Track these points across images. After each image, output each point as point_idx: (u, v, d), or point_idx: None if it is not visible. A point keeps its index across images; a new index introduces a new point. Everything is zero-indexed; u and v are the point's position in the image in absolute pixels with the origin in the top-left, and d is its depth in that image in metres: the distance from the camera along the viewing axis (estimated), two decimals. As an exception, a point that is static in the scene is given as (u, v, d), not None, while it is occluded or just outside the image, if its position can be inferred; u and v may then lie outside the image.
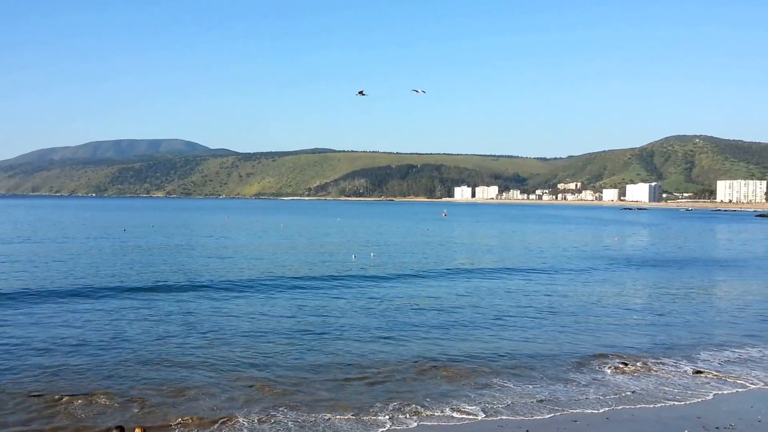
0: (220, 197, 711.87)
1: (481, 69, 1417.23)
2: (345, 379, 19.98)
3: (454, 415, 16.95)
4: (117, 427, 13.16)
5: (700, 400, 18.51)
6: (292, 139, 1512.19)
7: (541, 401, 18.17)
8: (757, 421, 16.51)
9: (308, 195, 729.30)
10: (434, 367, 21.52)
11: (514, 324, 29.28)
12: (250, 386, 19.05)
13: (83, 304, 32.14)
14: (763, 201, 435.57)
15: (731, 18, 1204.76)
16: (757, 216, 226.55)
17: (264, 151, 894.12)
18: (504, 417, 16.85)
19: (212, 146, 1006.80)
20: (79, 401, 17.38)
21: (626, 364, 22.29)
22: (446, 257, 61.71)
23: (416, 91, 39.33)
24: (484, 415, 16.94)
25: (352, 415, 16.74)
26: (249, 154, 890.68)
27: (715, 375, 21.17)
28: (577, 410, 17.43)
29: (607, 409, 17.60)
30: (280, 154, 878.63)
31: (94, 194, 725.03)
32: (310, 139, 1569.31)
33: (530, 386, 19.58)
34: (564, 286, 42.08)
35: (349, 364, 21.65)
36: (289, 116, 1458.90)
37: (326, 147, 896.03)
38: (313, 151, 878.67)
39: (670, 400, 18.40)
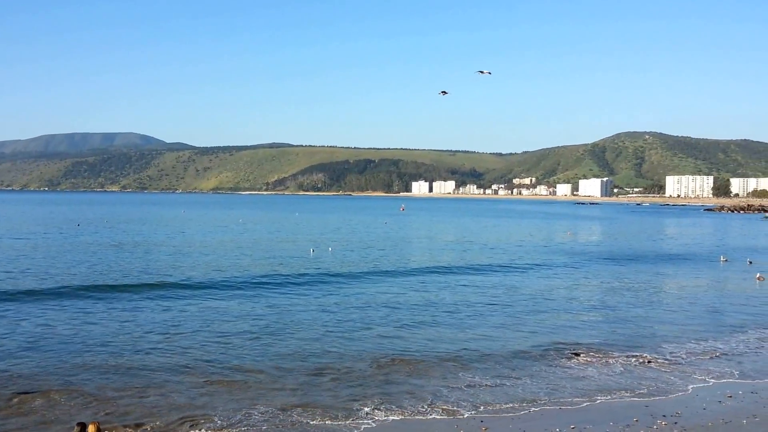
0: (177, 192, 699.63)
1: (438, 64, 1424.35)
2: (313, 374, 20.16)
3: (423, 409, 17.32)
4: (78, 424, 13.17)
5: (649, 389, 19.30)
6: (249, 134, 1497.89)
7: (495, 387, 18.72)
8: (702, 409, 17.34)
9: (266, 189, 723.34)
10: (396, 361, 21.87)
11: (472, 319, 29.88)
12: (210, 383, 19.08)
13: (35, 303, 31.45)
14: (710, 196, 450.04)
15: (679, 15, 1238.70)
16: (705, 210, 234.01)
17: (221, 145, 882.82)
18: (479, 413, 17.30)
19: (168, 140, 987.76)
20: (38, 401, 17.19)
21: (578, 355, 23.08)
22: (404, 253, 62.27)
23: (482, 72, 38.89)
24: (445, 409, 17.36)
25: (323, 412, 16.95)
26: (206, 148, 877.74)
27: (664, 365, 22.08)
28: (544, 399, 18.02)
29: (561, 398, 18.24)
30: (238, 148, 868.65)
31: (46, 188, 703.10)
32: (267, 134, 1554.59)
33: (492, 377, 20.11)
34: (520, 281, 43.00)
35: (313, 361, 21.84)
36: (246, 110, 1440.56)
37: (284, 141, 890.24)
38: (271, 146, 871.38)
39: (620, 390, 19.16)
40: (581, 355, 23.24)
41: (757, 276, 45.38)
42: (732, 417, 16.57)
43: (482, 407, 17.46)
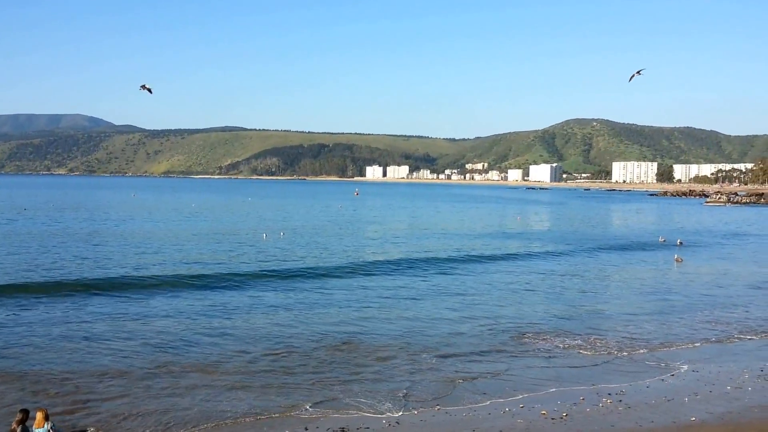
0: (127, 175, 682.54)
1: (392, 50, 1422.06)
2: (272, 370, 20.05)
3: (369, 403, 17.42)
4: (21, 410, 12.93)
5: (595, 370, 19.84)
6: (201, 117, 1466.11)
7: (453, 378, 19.00)
8: (645, 388, 17.93)
9: (219, 174, 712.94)
10: (349, 345, 21.94)
11: (427, 305, 30.12)
12: (161, 369, 18.79)
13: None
14: (654, 182, 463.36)
15: (624, 5, 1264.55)
16: (649, 195, 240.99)
17: (172, 128, 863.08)
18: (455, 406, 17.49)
19: (117, 122, 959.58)
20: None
21: (526, 337, 23.58)
22: (357, 237, 62.28)
23: (637, 73, 38.57)
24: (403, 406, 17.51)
25: (281, 407, 16.89)
26: (156, 131, 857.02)
27: (607, 347, 22.73)
28: (492, 381, 18.33)
29: (510, 379, 18.59)
30: (190, 131, 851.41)
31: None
32: (220, 117, 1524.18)
33: (450, 366, 20.36)
34: (472, 266, 43.52)
35: (271, 348, 21.73)
36: (198, 93, 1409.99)
37: (237, 125, 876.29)
38: (224, 129, 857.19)
39: (567, 367, 19.65)
40: (529, 338, 23.72)
41: (675, 257, 47.51)
42: (674, 395, 17.18)
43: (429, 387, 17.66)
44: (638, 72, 39.58)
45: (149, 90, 35.44)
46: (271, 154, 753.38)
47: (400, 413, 15.78)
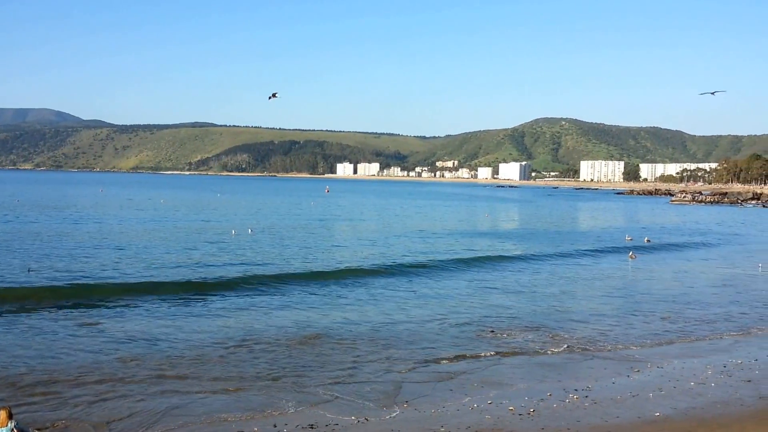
0: (95, 170, 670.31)
1: (363, 48, 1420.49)
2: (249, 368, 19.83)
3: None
4: None
5: (562, 367, 20.02)
6: (171, 112, 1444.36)
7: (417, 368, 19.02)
8: (611, 383, 18.15)
9: (189, 170, 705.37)
10: (318, 342, 21.84)
11: (393, 304, 30.11)
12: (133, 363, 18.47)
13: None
14: (621, 180, 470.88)
15: (594, 8, 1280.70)
16: (616, 194, 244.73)
17: (141, 123, 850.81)
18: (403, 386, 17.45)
19: (85, 117, 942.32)
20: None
21: (494, 333, 23.71)
22: (328, 235, 62.11)
23: (712, 93, 38.88)
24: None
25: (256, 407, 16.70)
26: (125, 126, 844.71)
27: (576, 344, 22.98)
28: (461, 376, 18.38)
29: (478, 375, 18.66)
30: (159, 127, 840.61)
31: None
32: (190, 113, 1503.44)
33: (413, 355, 20.37)
34: (440, 264, 43.63)
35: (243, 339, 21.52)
36: (168, 88, 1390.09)
37: (207, 121, 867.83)
38: (194, 125, 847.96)
39: (535, 364, 19.81)
40: (496, 335, 23.86)
41: (630, 254, 48.65)
42: (639, 391, 17.41)
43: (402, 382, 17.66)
44: (713, 92, 40.72)
45: (275, 95, 35.23)
46: (242, 151, 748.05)
47: (369, 411, 15.71)
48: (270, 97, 35.58)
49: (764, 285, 37.34)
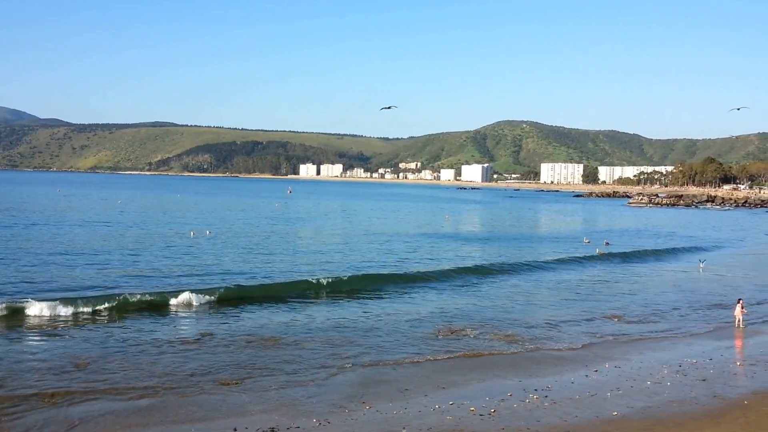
0: (51, 170, 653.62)
1: (326, 48, 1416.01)
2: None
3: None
4: None
5: (522, 367, 20.15)
6: (130, 111, 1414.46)
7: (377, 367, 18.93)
8: (570, 383, 18.35)
9: (149, 170, 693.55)
10: (275, 344, 21.62)
11: (353, 305, 30.04)
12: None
13: None
14: (581, 182, 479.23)
15: (553, 11, 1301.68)
16: (575, 196, 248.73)
17: (100, 122, 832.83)
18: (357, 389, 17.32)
19: (42, 115, 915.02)
20: None
21: (461, 338, 23.79)
22: (289, 237, 61.70)
23: (737, 109, 39.92)
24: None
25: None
26: (83, 125, 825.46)
27: (537, 345, 23.18)
28: (423, 377, 18.36)
29: (438, 376, 18.67)
30: (118, 126, 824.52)
31: None
32: (150, 112, 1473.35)
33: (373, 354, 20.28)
34: (400, 264, 43.71)
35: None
36: (127, 87, 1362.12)
37: (168, 120, 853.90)
38: (154, 125, 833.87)
39: (496, 365, 19.91)
40: (456, 335, 23.94)
41: (598, 251, 50.50)
42: (597, 390, 17.64)
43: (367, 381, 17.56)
44: (738, 108, 43.29)
45: (390, 107, 34.95)
46: (203, 151, 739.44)
47: (331, 412, 15.57)
48: (385, 108, 35.96)
49: (713, 285, 38.30)
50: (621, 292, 35.30)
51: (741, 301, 27.01)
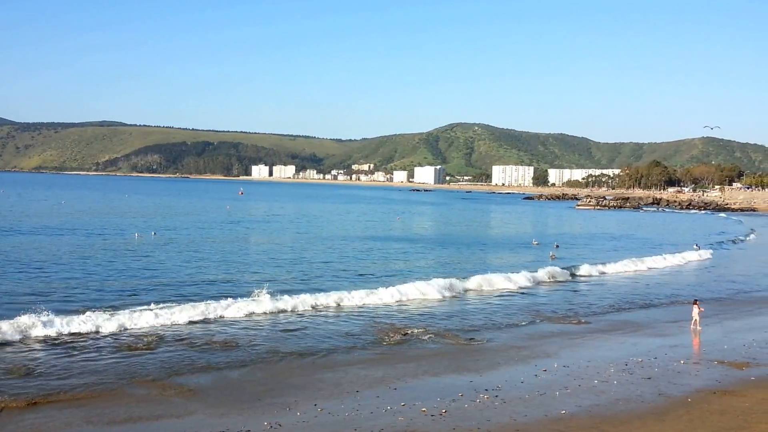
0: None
1: (279, 49, 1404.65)
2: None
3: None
4: None
5: (473, 368, 20.29)
6: (76, 110, 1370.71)
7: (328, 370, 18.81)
8: (520, 383, 18.56)
9: (96, 170, 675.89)
10: (225, 347, 21.28)
11: (299, 305, 29.81)
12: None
13: None
14: (531, 185, 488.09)
15: (503, 14, 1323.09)
16: (524, 198, 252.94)
17: (45, 121, 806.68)
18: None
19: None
20: None
21: (411, 339, 23.84)
22: (237, 239, 61.03)
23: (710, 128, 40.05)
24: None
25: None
26: (27, 124, 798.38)
27: (487, 346, 23.40)
28: (372, 379, 18.30)
29: (391, 378, 18.65)
30: (64, 125, 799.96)
31: None
32: (97, 111, 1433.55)
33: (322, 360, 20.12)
34: (344, 266, 43.65)
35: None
36: (73, 84, 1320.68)
37: (115, 120, 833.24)
38: (101, 124, 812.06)
39: (447, 367, 20.00)
40: (407, 336, 24.00)
41: (551, 254, 51.26)
42: (546, 389, 17.87)
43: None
44: (712, 128, 44.87)
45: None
46: (153, 151, 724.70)
47: (281, 415, 15.37)
48: None
49: (668, 283, 39.44)
50: (568, 290, 36.00)
51: (697, 302, 27.55)
